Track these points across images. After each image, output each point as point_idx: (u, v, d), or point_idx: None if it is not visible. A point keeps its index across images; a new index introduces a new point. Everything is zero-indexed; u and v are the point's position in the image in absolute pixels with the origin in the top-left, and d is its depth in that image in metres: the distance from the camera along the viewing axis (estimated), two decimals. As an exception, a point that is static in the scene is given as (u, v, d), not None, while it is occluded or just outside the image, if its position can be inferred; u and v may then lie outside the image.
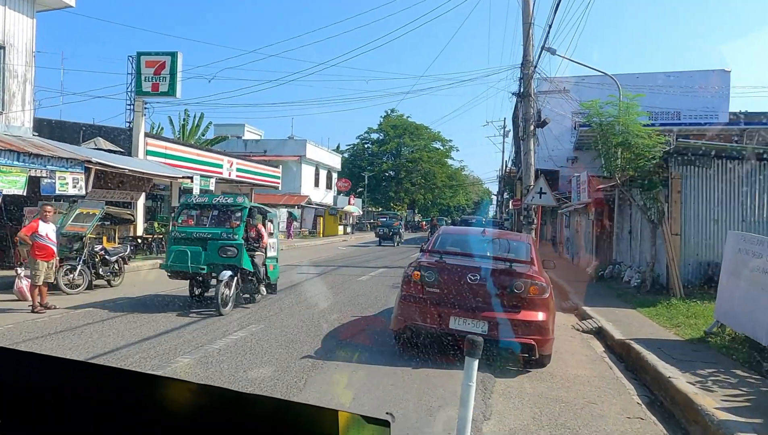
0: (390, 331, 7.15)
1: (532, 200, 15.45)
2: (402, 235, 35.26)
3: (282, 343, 7.26)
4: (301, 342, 7.36)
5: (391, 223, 34.98)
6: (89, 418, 1.07)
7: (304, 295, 11.57)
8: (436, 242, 7.65)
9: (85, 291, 11.32)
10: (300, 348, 7.02)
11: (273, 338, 7.52)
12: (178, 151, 23.47)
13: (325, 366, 6.26)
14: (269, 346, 7.08)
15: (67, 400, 1.08)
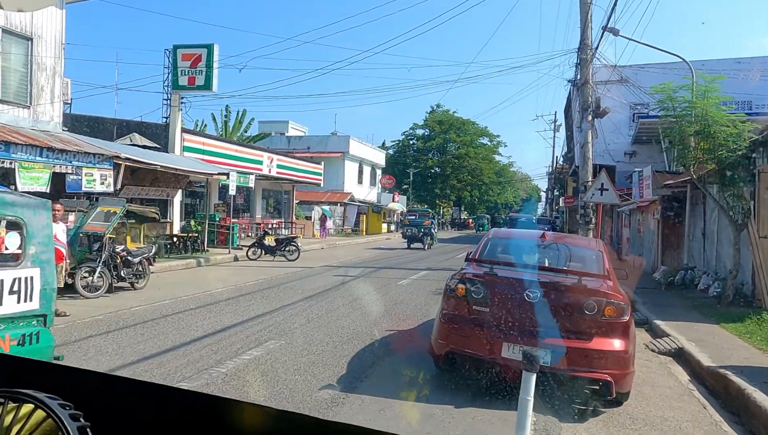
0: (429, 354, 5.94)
1: (591, 197, 13.89)
2: (435, 235, 29.54)
3: (300, 367, 6.15)
4: (323, 365, 6.23)
5: (421, 222, 28.83)
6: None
7: (336, 303, 10.47)
8: (485, 249, 6.37)
9: (105, 294, 10.57)
10: (320, 374, 5.89)
11: (291, 359, 6.43)
12: (216, 147, 22.87)
13: (347, 401, 5.11)
14: (284, 371, 5.98)
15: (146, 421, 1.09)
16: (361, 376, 5.93)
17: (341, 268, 16.84)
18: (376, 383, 5.75)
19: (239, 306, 9.89)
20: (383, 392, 5.39)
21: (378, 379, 5.87)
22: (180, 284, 12.51)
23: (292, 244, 19.37)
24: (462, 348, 5.28)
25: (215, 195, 24.29)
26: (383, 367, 6.35)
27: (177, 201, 20.50)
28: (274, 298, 10.82)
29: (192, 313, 9.03)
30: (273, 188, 30.84)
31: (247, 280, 13.46)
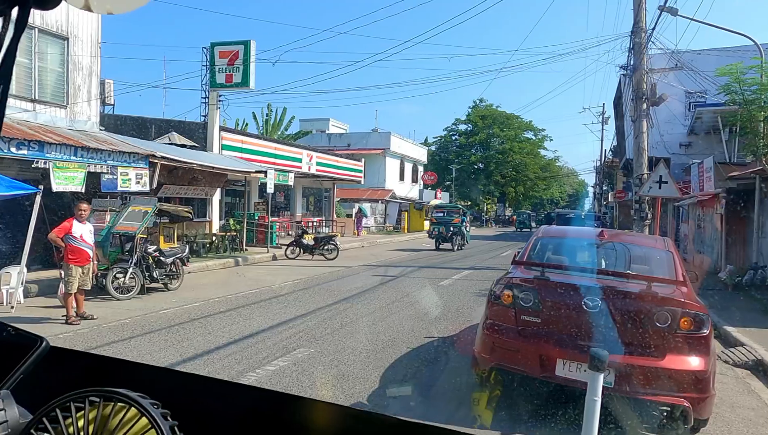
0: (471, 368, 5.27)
1: (649, 191, 12.84)
2: (466, 234, 25.36)
3: (328, 380, 5.58)
4: (353, 378, 5.64)
5: (450, 220, 24.62)
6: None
7: (372, 306, 9.88)
8: (534, 250, 5.63)
9: (137, 296, 10.30)
10: (350, 389, 5.31)
11: (318, 372, 5.86)
12: (255, 145, 22.65)
13: (377, 424, 4.49)
14: (310, 385, 5.43)
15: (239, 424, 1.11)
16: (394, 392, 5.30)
17: (380, 268, 16.26)
18: (410, 402, 5.13)
19: (271, 309, 9.43)
20: (418, 413, 4.76)
21: (413, 398, 5.24)
22: (214, 285, 12.18)
23: (331, 242, 18.91)
24: (509, 364, 4.59)
25: (255, 193, 24.09)
26: (419, 383, 5.71)
27: (216, 200, 20.34)
28: (308, 300, 10.32)
29: (221, 317, 8.60)
30: (313, 186, 30.55)
31: (282, 280, 13.04)
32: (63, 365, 1.20)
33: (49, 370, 1.09)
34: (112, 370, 1.24)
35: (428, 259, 19.32)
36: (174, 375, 1.27)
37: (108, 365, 1.27)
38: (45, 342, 1.06)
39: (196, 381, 1.24)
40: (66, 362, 1.22)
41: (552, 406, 4.59)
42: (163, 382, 1.19)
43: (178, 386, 1.20)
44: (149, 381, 1.17)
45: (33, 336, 1.06)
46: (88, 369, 1.25)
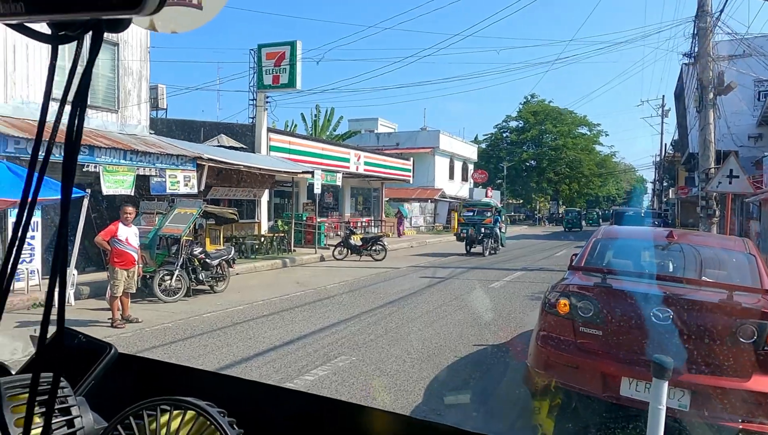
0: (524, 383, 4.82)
1: (717, 186, 11.92)
2: (501, 236, 22.11)
3: (368, 393, 5.25)
4: (396, 390, 5.29)
5: (481, 220, 21.30)
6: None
7: (419, 310, 9.50)
8: (593, 253, 5.10)
9: (183, 298, 10.29)
10: (392, 403, 4.94)
11: (360, 382, 5.54)
12: (302, 145, 22.65)
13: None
14: (350, 397, 5.10)
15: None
16: (439, 407, 4.91)
17: (429, 269, 15.84)
18: (456, 419, 4.72)
19: (314, 312, 9.19)
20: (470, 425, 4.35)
21: (460, 414, 4.83)
22: (260, 287, 12.08)
23: (379, 243, 18.63)
24: (566, 381, 4.13)
25: (304, 194, 24.10)
26: (467, 397, 5.29)
27: (264, 201, 20.43)
28: (352, 304, 10.04)
29: (263, 321, 8.42)
30: (362, 186, 30.40)
31: (328, 282, 12.82)
32: (129, 371, 1.24)
33: (116, 376, 1.11)
34: (175, 377, 1.28)
35: (480, 260, 18.75)
36: (236, 382, 1.29)
37: (171, 372, 1.32)
38: (114, 349, 1.09)
39: (258, 388, 1.27)
40: (132, 369, 1.27)
41: (616, 430, 4.10)
42: (225, 390, 1.21)
43: (240, 393, 1.21)
44: (212, 388, 1.20)
45: (103, 343, 1.08)
46: (153, 375, 1.29)
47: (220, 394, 1.10)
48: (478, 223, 21.27)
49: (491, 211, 21.90)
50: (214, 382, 1.30)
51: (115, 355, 1.09)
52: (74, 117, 0.62)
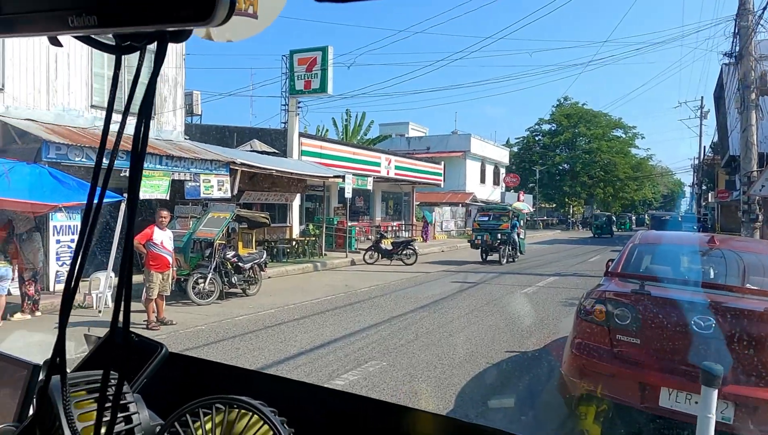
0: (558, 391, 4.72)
1: (761, 190, 11.52)
2: (520, 243, 20.37)
3: (399, 398, 5.20)
4: (427, 397, 5.24)
5: (497, 225, 19.73)
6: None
7: (450, 315, 9.42)
8: (630, 259, 4.96)
9: (216, 301, 10.42)
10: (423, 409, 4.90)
11: (389, 387, 5.50)
12: (333, 150, 22.76)
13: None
14: (381, 403, 5.07)
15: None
16: (470, 415, 4.84)
17: (459, 273, 15.72)
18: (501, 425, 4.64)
19: (345, 316, 9.20)
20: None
21: (492, 423, 4.75)
22: (291, 290, 12.16)
23: (410, 247, 18.57)
24: (603, 391, 4.01)
25: (335, 198, 24.23)
26: (500, 406, 5.20)
27: (296, 205, 20.60)
28: (383, 308, 10.01)
29: (294, 325, 8.46)
30: (392, 190, 30.40)
31: (359, 286, 12.83)
32: (178, 370, 1.27)
33: (166, 374, 1.13)
34: (223, 376, 1.32)
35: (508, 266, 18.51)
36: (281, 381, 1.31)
37: (218, 371, 1.36)
38: (164, 348, 1.11)
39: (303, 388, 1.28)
40: (180, 367, 1.30)
41: (666, 428, 3.97)
42: (272, 388, 1.24)
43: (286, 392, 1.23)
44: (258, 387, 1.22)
45: (154, 342, 1.10)
46: (200, 374, 1.33)
47: (267, 393, 1.11)
48: (493, 229, 19.65)
49: (508, 216, 20.39)
50: (260, 381, 1.34)
51: (166, 354, 1.12)
52: (140, 126, 0.64)
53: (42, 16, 0.52)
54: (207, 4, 0.45)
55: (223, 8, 0.45)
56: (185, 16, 0.47)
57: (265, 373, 1.39)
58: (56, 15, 0.51)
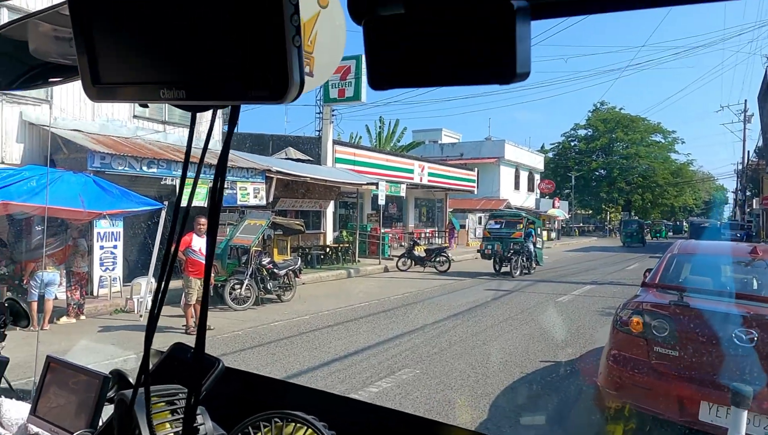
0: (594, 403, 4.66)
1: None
2: (535, 253, 18.18)
3: (432, 407, 5.22)
4: (459, 408, 5.23)
5: (509, 233, 17.98)
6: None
7: (484, 323, 9.37)
8: (668, 269, 4.88)
9: (252, 307, 10.62)
10: (455, 419, 4.91)
11: (423, 395, 5.52)
12: (366, 157, 22.92)
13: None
14: (413, 410, 5.09)
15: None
16: (503, 425, 4.82)
17: (493, 281, 15.60)
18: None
19: (378, 324, 9.25)
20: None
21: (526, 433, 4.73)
22: (325, 297, 12.28)
23: (443, 254, 18.53)
24: (640, 403, 3.96)
25: (368, 205, 24.37)
26: (534, 417, 5.17)
27: (330, 212, 20.80)
28: (416, 315, 10.03)
29: (328, 331, 8.55)
30: (425, 197, 30.40)
31: (392, 293, 12.87)
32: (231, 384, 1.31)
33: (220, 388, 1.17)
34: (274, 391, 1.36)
35: (544, 273, 18.28)
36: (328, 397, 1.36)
37: (269, 386, 1.40)
38: (221, 363, 1.15)
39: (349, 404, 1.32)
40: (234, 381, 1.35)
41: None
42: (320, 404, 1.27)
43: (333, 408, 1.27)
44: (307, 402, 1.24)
45: (212, 358, 1.13)
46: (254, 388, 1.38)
47: (316, 407, 1.17)
48: (505, 238, 17.73)
49: (522, 223, 18.49)
50: (309, 396, 1.37)
51: (223, 368, 1.16)
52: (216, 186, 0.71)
53: (138, 88, 0.59)
54: (281, 86, 0.50)
55: (294, 89, 0.51)
56: (261, 96, 0.52)
57: (313, 389, 1.39)
58: (150, 87, 0.58)
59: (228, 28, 0.52)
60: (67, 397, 1.19)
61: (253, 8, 0.50)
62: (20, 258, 9.40)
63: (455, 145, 44.51)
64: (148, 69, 0.58)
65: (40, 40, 0.71)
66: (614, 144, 57.64)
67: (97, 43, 0.59)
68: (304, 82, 0.51)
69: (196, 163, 0.80)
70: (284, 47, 0.49)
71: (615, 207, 61.39)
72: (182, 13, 0.54)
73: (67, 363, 1.27)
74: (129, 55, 0.59)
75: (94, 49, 0.59)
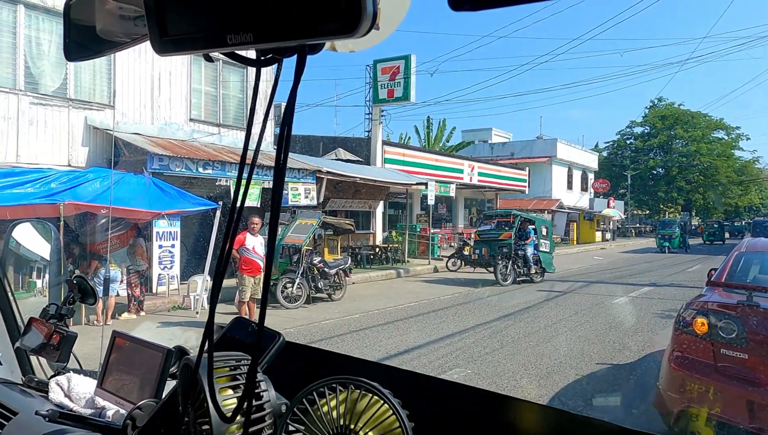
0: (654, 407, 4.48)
1: None
2: (544, 258, 15.60)
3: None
4: (513, 407, 5.13)
5: (497, 234, 15.38)
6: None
7: (537, 324, 9.18)
8: (736, 268, 4.64)
9: (303, 305, 10.77)
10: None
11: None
12: (415, 157, 22.90)
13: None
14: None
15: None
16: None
17: (546, 282, 15.27)
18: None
19: (428, 323, 9.20)
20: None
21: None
22: (375, 296, 12.32)
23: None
24: (704, 408, 3.77)
25: (417, 205, 24.33)
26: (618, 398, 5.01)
27: (379, 212, 20.87)
28: (467, 316, 9.93)
29: (378, 330, 8.57)
30: (475, 197, 30.12)
31: (442, 293, 12.80)
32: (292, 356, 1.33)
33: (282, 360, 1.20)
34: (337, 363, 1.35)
35: (602, 274, 17.76)
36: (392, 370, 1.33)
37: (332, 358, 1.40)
38: (282, 337, 1.17)
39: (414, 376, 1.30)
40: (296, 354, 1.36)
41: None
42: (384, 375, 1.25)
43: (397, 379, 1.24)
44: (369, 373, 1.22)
45: (273, 331, 1.16)
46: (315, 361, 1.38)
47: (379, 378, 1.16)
48: (492, 241, 15.22)
49: (510, 223, 15.68)
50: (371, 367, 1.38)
51: (284, 342, 1.18)
52: (283, 133, 0.66)
53: (203, 35, 0.59)
54: (353, 17, 0.49)
55: (367, 20, 0.49)
56: (333, 30, 0.50)
57: (373, 362, 1.39)
58: (216, 34, 0.57)
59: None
60: (131, 370, 1.23)
61: None
62: (85, 256, 9.84)
63: (506, 144, 43.89)
64: (214, 15, 0.58)
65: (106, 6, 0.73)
66: (673, 141, 55.49)
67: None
68: (376, 15, 0.49)
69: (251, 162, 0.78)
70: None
71: (674, 207, 59.05)
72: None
73: (132, 337, 1.31)
74: (195, 2, 0.59)
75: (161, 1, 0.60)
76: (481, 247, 15.56)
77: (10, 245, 1.91)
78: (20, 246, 1.99)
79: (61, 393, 1.33)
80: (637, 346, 7.65)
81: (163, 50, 0.61)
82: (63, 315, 1.42)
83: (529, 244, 15.06)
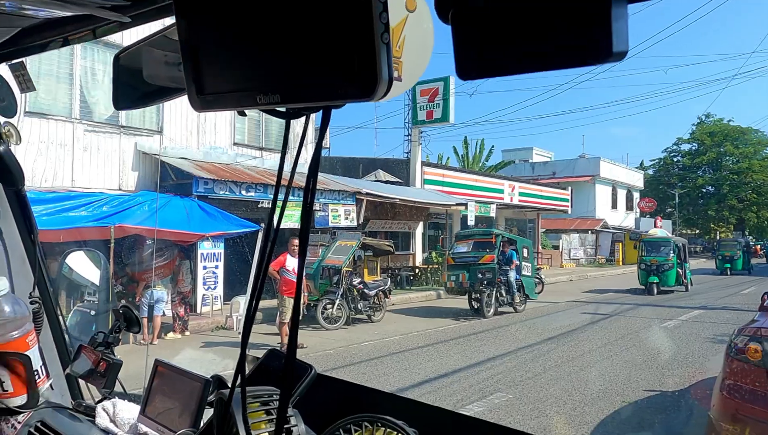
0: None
1: None
2: (513, 285, 13.17)
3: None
4: (556, 434, 5.00)
5: (476, 258, 13.17)
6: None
7: (581, 348, 8.94)
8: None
9: (343, 326, 10.80)
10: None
11: (516, 422, 5.32)
12: (455, 178, 22.83)
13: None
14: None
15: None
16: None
17: (591, 304, 14.90)
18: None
19: (469, 346, 9.09)
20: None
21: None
22: (415, 318, 12.25)
23: (536, 276, 17.95)
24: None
25: (457, 226, 24.16)
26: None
27: (419, 233, 20.84)
28: (509, 338, 9.76)
29: (418, 353, 8.51)
30: (516, 217, 29.74)
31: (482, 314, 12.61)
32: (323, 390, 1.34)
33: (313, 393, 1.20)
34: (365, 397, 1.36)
35: (650, 297, 17.19)
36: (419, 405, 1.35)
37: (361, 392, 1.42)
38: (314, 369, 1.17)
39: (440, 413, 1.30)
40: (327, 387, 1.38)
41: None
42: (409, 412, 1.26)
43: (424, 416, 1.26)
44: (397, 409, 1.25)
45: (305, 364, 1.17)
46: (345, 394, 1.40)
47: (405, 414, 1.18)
48: (471, 265, 13.01)
49: (492, 243, 13.51)
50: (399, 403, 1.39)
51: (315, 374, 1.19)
52: (309, 183, 0.72)
53: (236, 95, 0.64)
54: (370, 84, 0.53)
55: (383, 87, 0.52)
56: (351, 94, 0.55)
57: (402, 397, 1.40)
58: (247, 94, 0.62)
59: (318, 29, 0.54)
60: (172, 399, 1.28)
61: (343, 7, 0.52)
62: (134, 276, 10.16)
63: (547, 163, 43.36)
64: (245, 77, 0.62)
65: (151, 63, 0.78)
66: (723, 158, 53.67)
67: (201, 57, 0.65)
68: (392, 80, 0.52)
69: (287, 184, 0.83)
70: (373, 45, 0.51)
71: (725, 226, 56.85)
72: (276, 20, 0.57)
73: (173, 367, 1.36)
74: (229, 65, 0.64)
75: (199, 62, 0.65)
76: (458, 273, 13.23)
77: (63, 272, 2.01)
78: (73, 272, 2.09)
79: (107, 418, 1.39)
80: (688, 373, 7.35)
81: (200, 107, 0.67)
82: (110, 343, 1.50)
83: (512, 269, 13.30)
